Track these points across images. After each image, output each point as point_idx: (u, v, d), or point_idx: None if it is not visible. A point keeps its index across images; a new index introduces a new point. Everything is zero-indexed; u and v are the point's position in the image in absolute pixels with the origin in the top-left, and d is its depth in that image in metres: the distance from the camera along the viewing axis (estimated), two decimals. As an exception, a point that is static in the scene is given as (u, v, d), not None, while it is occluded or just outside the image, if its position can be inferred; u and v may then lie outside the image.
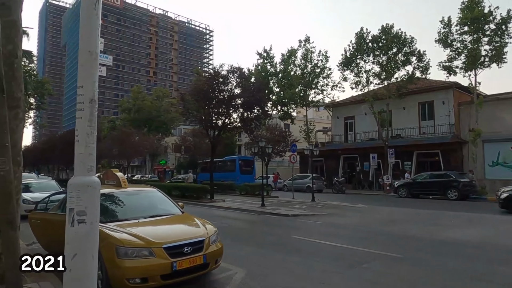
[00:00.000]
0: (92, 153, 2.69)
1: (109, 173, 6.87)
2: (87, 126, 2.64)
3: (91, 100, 2.67)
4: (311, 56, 31.37)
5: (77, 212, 2.55)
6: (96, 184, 2.69)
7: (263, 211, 14.24)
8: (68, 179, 2.64)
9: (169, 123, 54.22)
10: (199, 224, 5.39)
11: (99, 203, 2.74)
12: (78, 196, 2.56)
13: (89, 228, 2.59)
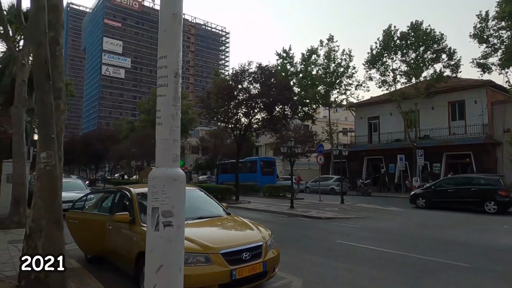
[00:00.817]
0: (177, 139, 2.20)
1: (148, 171, 6.45)
2: (171, 106, 2.14)
3: (176, 73, 2.18)
4: (334, 55, 30.57)
5: (163, 212, 2.04)
6: (183, 178, 2.19)
7: (294, 213, 13.65)
8: (89, 178, 2.16)
9: (187, 124, 54.22)
10: (253, 227, 4.88)
11: (185, 201, 2.24)
12: (164, 192, 2.06)
13: (176, 232, 2.09)
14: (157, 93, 2.19)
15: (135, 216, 4.80)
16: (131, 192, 5.32)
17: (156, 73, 2.20)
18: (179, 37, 2.22)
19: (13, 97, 15.24)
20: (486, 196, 14.28)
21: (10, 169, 9.94)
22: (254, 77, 16.77)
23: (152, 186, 2.10)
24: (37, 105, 3.77)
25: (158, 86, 2.18)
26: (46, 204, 3.81)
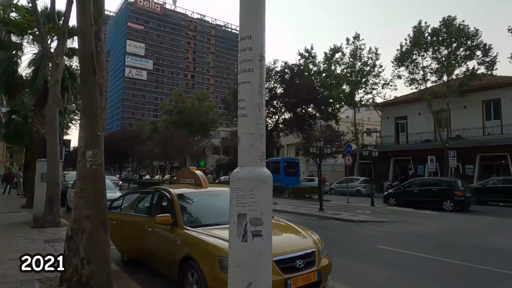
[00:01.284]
0: (263, 133, 1.90)
1: (185, 170, 6.24)
2: (257, 94, 1.84)
3: (261, 56, 1.88)
4: (360, 54, 29.79)
5: (251, 220, 1.76)
6: (271, 179, 1.90)
7: (324, 216, 13.22)
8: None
9: (209, 125, 54.52)
10: (302, 232, 4.56)
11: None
12: (252, 196, 1.77)
13: (265, 244, 1.79)
14: (240, 80, 1.89)
15: (177, 219, 4.58)
16: (170, 193, 5.11)
17: (178, 75, 1.90)
18: (263, 14, 1.92)
19: (45, 98, 15.56)
20: (445, 196, 16.13)
21: (44, 169, 10.02)
22: (280, 75, 16.41)
23: (238, 189, 1.80)
24: (83, 101, 3.60)
25: (241, 71, 1.88)
26: (91, 205, 3.63)
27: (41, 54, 15.17)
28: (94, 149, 3.49)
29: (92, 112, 3.52)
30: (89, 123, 3.52)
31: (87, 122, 3.53)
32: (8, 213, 12.76)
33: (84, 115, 3.58)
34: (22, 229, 9.06)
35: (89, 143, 3.51)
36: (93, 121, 3.53)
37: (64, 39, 10.04)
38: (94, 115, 3.53)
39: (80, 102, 4.43)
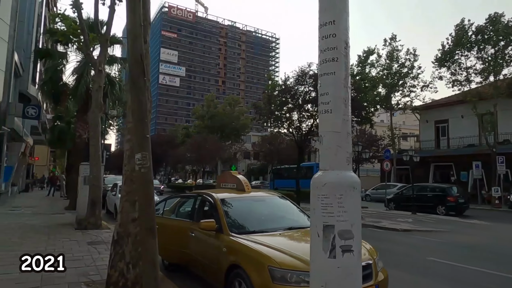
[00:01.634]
0: (350, 131, 1.67)
1: (226, 175, 6.10)
2: (343, 87, 1.62)
3: (346, 43, 1.66)
4: (397, 55, 28.68)
5: (340, 233, 1.53)
6: (360, 186, 1.66)
7: (363, 223, 12.62)
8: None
9: (240, 130, 54.81)
10: (355, 242, 4.24)
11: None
12: (341, 204, 1.54)
13: (356, 262, 1.55)
14: (321, 72, 1.68)
15: (222, 224, 4.42)
16: (214, 198, 4.97)
17: (209, 80, 1.69)
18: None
19: (87, 104, 16.21)
20: (438, 201, 17.27)
21: (86, 172, 10.32)
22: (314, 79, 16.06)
23: (323, 196, 1.58)
24: (132, 102, 3.53)
25: (322, 62, 1.66)
26: (140, 209, 3.54)
27: (84, 62, 15.85)
28: (143, 151, 3.40)
29: (141, 114, 3.44)
30: (138, 125, 3.44)
31: (136, 124, 3.46)
32: (53, 214, 13.30)
33: (133, 117, 3.51)
34: (67, 230, 9.34)
35: (137, 146, 3.43)
36: (142, 123, 3.44)
37: (106, 46, 10.36)
38: (143, 117, 3.45)
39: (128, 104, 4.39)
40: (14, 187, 22.15)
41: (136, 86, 3.46)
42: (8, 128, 16.44)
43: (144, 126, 3.46)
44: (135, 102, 3.46)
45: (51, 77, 15.83)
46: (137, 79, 3.47)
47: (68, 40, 14.91)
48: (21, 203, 17.89)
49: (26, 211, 14.37)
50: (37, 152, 36.18)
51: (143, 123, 3.46)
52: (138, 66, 3.47)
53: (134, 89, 3.47)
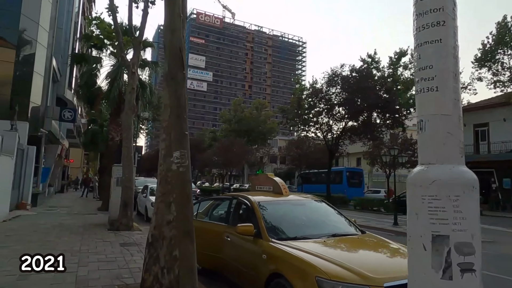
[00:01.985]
0: (461, 116, 1.35)
1: (261, 177, 5.83)
2: (452, 58, 1.28)
3: (454, 3, 1.32)
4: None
5: (458, 246, 1.18)
6: (478, 184, 1.31)
7: (402, 231, 11.96)
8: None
9: (267, 134, 54.65)
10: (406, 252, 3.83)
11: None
12: (457, 208, 1.20)
13: (478, 283, 1.22)
14: (420, 40, 1.36)
15: (261, 229, 4.14)
16: (251, 201, 4.71)
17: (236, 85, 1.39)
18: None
19: (120, 108, 16.54)
20: None
21: (119, 173, 10.41)
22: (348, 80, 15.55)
23: (431, 197, 1.24)
24: (170, 98, 3.35)
25: (421, 28, 1.34)
26: (177, 211, 3.33)
27: (117, 66, 16.22)
28: (182, 149, 3.19)
29: (180, 109, 3.24)
30: (176, 122, 3.25)
31: (174, 120, 3.27)
32: (87, 214, 13.57)
33: (171, 113, 3.32)
34: (100, 231, 9.41)
35: (176, 143, 3.23)
36: (181, 119, 3.25)
37: (139, 49, 10.45)
38: (181, 113, 3.25)
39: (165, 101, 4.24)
40: (51, 188, 23.04)
41: (174, 81, 3.27)
42: (46, 130, 17.09)
43: (182, 123, 3.26)
44: (173, 97, 3.27)
45: (86, 81, 16.32)
46: (175, 73, 3.28)
47: (102, 45, 15.32)
48: (57, 203, 18.50)
49: (61, 211, 14.79)
50: (72, 154, 37.64)
51: (182, 119, 3.26)
52: (177, 60, 3.28)
53: (172, 83, 3.29)
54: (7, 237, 7.72)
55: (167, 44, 3.39)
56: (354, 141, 18.58)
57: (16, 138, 11.54)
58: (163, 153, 4.35)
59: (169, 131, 4.34)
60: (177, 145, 3.24)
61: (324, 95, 15.88)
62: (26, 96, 15.81)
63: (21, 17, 15.52)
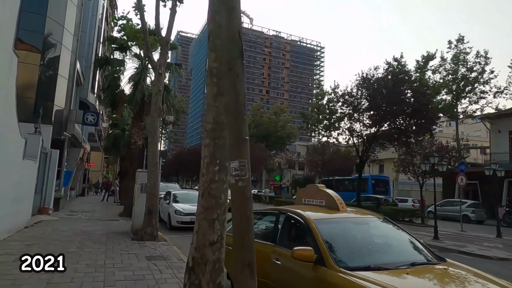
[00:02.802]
0: None
1: (310, 189, 5.10)
2: None
3: None
4: (464, 58, 26.15)
5: None
6: None
7: (444, 247, 10.95)
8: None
9: (286, 139, 53.93)
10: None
11: None
12: None
13: None
14: None
15: (323, 255, 3.41)
16: (305, 218, 3.99)
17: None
18: None
19: (142, 111, 16.22)
20: None
21: (144, 179, 9.91)
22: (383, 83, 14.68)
23: None
24: (227, 92, 2.69)
25: None
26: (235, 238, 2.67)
27: (141, 69, 15.91)
28: (242, 158, 2.53)
29: (238, 107, 2.60)
30: (233, 123, 2.60)
31: (232, 122, 2.62)
32: (108, 220, 13.16)
33: (228, 113, 2.68)
34: (123, 240, 8.89)
35: (234, 151, 2.58)
36: (240, 120, 2.60)
37: (166, 49, 9.98)
38: (240, 111, 2.60)
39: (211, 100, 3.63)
40: (72, 191, 22.97)
41: (232, 72, 2.63)
42: (69, 134, 16.92)
43: (241, 124, 2.60)
44: (231, 92, 2.63)
45: (109, 84, 16.09)
46: (233, 62, 2.64)
47: (126, 45, 15.07)
48: (78, 207, 18.28)
49: (83, 216, 14.46)
50: (92, 158, 37.92)
51: (241, 121, 2.60)
52: (234, 46, 2.64)
53: (230, 75, 2.64)
54: (28, 247, 7.27)
55: (223, 25, 2.75)
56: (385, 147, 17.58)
57: (39, 142, 11.24)
58: (206, 161, 3.71)
59: (213, 135, 3.71)
60: (235, 153, 2.58)
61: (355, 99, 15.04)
62: (50, 100, 15.69)
63: (47, 19, 15.45)
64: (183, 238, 10.48)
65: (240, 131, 2.59)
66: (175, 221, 12.25)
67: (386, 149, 18.31)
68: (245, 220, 2.55)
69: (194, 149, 47.76)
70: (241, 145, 2.58)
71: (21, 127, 10.21)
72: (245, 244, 2.55)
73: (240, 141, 2.58)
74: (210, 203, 3.65)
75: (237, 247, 2.61)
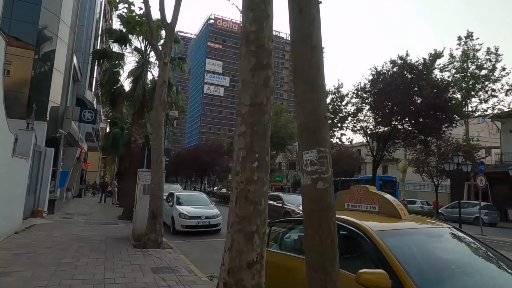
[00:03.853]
0: None
1: (358, 191, 4.17)
2: None
3: None
4: (473, 55, 25.37)
5: None
6: None
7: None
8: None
9: (287, 139, 52.94)
10: None
11: None
12: None
13: None
14: None
15: (403, 281, 2.52)
16: (364, 229, 3.09)
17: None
18: None
19: (144, 107, 15.30)
20: None
21: (147, 180, 9.00)
22: (399, 78, 13.84)
23: None
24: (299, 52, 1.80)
25: None
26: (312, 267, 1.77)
27: (141, 62, 15.00)
28: (321, 146, 1.65)
29: (315, 69, 1.70)
30: (307, 93, 1.72)
31: (302, 90, 1.73)
32: (107, 224, 12.23)
33: (298, 77, 1.80)
34: (125, 247, 7.97)
35: (308, 135, 1.70)
36: (316, 88, 1.72)
37: (172, 37, 9.09)
38: (318, 74, 1.71)
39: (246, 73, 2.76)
40: (69, 193, 21.97)
41: (305, 14, 1.73)
42: (65, 131, 15.96)
43: (320, 96, 1.71)
44: (303, 47, 1.73)
45: (108, 79, 15.14)
46: (306, 1, 1.74)
47: (126, 37, 14.19)
48: (74, 209, 17.31)
49: (79, 219, 13.52)
50: (89, 158, 36.86)
51: (318, 89, 1.71)
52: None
53: (303, 18, 1.74)
54: (16, 257, 6.34)
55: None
56: (399, 147, 16.70)
57: (32, 139, 10.30)
58: (242, 155, 2.81)
59: (251, 121, 2.81)
60: (309, 138, 1.70)
61: (370, 94, 14.17)
62: (45, 95, 14.72)
63: (41, 10, 14.51)
64: (189, 244, 9.59)
65: (318, 105, 1.70)
66: (179, 225, 11.34)
67: (399, 149, 17.44)
68: (328, 243, 1.66)
69: (194, 149, 46.90)
70: (319, 126, 1.69)
71: (13, 123, 9.30)
72: (328, 280, 1.66)
73: (318, 120, 1.70)
74: (247, 210, 2.75)
75: (315, 283, 1.71)
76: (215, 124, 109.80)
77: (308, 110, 1.69)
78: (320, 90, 1.71)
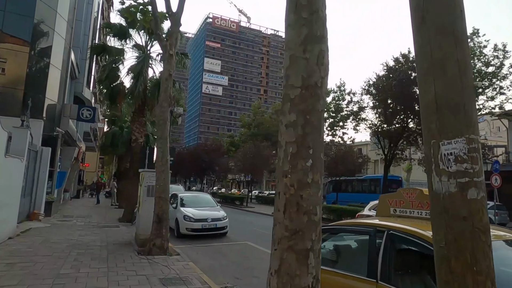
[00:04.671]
0: None
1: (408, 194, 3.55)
2: None
3: None
4: (480, 52, 24.81)
5: None
6: None
7: None
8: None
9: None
10: None
11: None
12: None
13: None
14: None
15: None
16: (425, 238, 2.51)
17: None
18: None
19: (144, 105, 14.65)
20: None
21: (151, 181, 8.38)
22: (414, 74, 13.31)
23: None
24: None
25: None
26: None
27: (142, 58, 14.37)
28: (468, 134, 1.04)
29: (453, 17, 1.09)
30: (449, 49, 1.11)
31: (441, 44, 1.11)
32: (107, 227, 11.59)
33: (425, 21, 1.15)
34: (128, 254, 7.34)
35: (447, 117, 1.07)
36: (460, 44, 1.10)
37: (178, 27, 8.46)
38: (459, 23, 1.10)
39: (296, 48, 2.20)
40: (66, 194, 21.28)
41: None
42: (63, 130, 15.30)
43: (465, 54, 1.09)
44: None
45: (107, 75, 14.47)
46: None
47: (126, 31, 13.56)
48: (72, 211, 16.65)
49: (78, 221, 12.87)
50: (87, 158, 36.12)
51: (462, 44, 1.09)
52: None
53: None
54: (9, 267, 5.71)
55: None
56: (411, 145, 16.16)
57: (27, 137, 9.66)
58: (291, 151, 2.19)
59: (303, 107, 2.20)
60: (450, 121, 1.07)
61: (382, 90, 13.61)
62: (42, 92, 14.07)
63: (37, 2, 13.84)
64: (196, 249, 8.98)
65: (465, 68, 1.09)
66: (184, 228, 10.71)
67: (409, 148, 16.92)
68: (488, 286, 1.05)
69: (195, 149, 46.24)
70: (468, 102, 1.08)
71: (8, 122, 8.66)
72: None
73: (465, 92, 1.08)
74: (300, 222, 2.13)
75: None
76: (213, 123, 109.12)
77: (451, 74, 1.09)
78: (464, 45, 1.12)
